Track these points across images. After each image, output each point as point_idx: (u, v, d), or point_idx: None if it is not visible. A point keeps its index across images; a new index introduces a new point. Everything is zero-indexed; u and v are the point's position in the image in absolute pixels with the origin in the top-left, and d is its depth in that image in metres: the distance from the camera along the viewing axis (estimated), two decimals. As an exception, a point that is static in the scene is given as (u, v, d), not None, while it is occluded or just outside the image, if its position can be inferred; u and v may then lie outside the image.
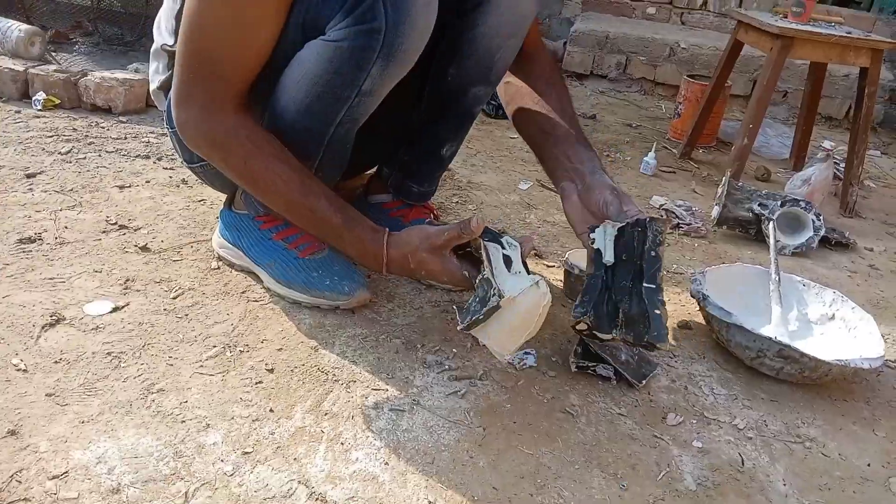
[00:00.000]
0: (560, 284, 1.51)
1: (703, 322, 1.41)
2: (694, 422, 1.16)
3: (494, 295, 1.04)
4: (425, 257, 1.14)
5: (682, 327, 1.43)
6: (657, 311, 1.12)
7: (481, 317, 1.05)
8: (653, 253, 1.15)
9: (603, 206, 1.21)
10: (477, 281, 1.10)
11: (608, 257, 1.16)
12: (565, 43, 3.49)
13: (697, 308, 1.40)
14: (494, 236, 1.14)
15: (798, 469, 1.09)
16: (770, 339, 1.23)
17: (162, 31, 1.31)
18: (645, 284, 1.14)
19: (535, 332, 1.09)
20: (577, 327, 1.17)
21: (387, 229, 1.19)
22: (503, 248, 1.12)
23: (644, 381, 1.21)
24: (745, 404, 1.22)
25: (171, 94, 1.13)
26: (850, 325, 1.39)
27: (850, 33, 2.10)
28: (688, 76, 2.74)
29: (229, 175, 1.19)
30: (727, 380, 1.28)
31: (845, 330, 1.38)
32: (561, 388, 1.19)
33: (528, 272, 1.11)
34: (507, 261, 1.10)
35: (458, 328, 1.08)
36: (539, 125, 1.36)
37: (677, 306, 1.51)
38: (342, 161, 1.27)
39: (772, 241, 1.58)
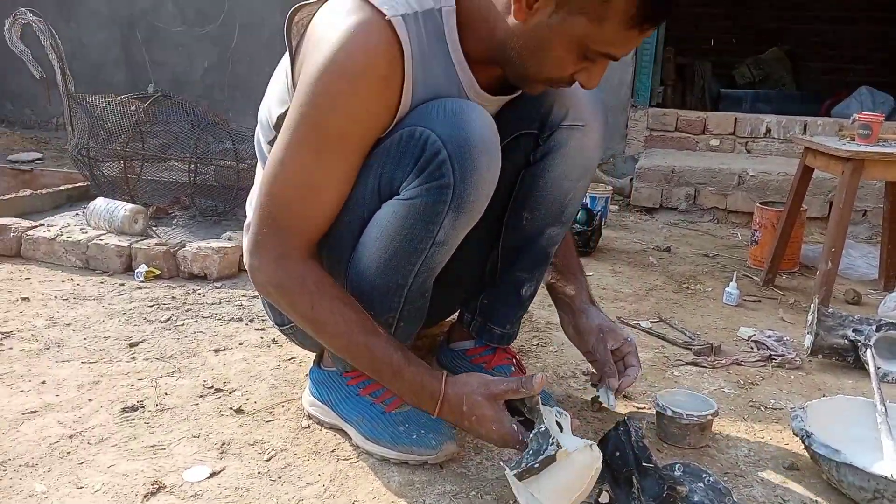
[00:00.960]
0: (654, 428, 1.46)
1: (810, 460, 1.33)
2: (815, 575, 1.07)
3: (552, 445, 1.08)
4: (480, 401, 1.16)
5: (788, 468, 1.35)
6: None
7: (536, 465, 1.07)
8: (640, 444, 1.21)
9: (591, 349, 1.46)
10: (532, 435, 1.12)
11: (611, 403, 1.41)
12: (632, 179, 3.57)
13: (802, 447, 1.33)
14: (547, 398, 1.17)
15: None
16: (886, 478, 1.15)
17: (253, 206, 1.43)
18: (644, 465, 1.18)
19: (584, 495, 1.11)
20: (600, 500, 1.18)
21: (446, 372, 1.23)
22: (556, 413, 1.17)
23: None
24: (870, 553, 1.13)
25: (245, 242, 1.24)
26: (974, 457, 1.28)
27: (922, 150, 2.08)
28: (760, 203, 2.74)
29: (295, 318, 1.25)
30: (846, 525, 1.19)
31: (970, 463, 1.28)
32: (664, 541, 1.13)
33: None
34: (559, 426, 1.15)
35: (509, 474, 1.10)
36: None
37: (780, 444, 1.44)
38: (422, 312, 1.32)
39: (872, 368, 1.51)
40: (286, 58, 1.25)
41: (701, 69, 6.05)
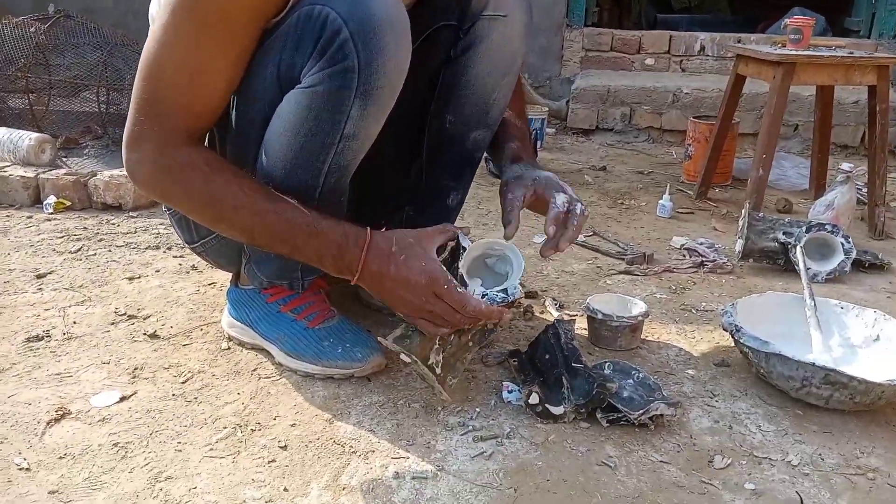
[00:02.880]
0: (585, 332, 1.44)
1: (741, 357, 1.33)
2: (743, 463, 1.07)
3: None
4: (411, 242, 1.10)
5: (718, 365, 1.35)
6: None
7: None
8: (570, 346, 1.22)
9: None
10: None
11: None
12: (568, 101, 3.51)
13: (733, 344, 1.33)
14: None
15: (863, 502, 0.99)
16: (814, 364, 1.15)
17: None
18: (573, 365, 1.18)
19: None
20: (530, 401, 1.14)
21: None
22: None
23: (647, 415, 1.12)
24: (797, 439, 1.13)
25: (124, 135, 1.09)
26: (897, 344, 1.30)
27: (852, 53, 2.07)
28: (693, 117, 2.72)
29: (191, 206, 1.13)
30: (774, 415, 1.19)
31: (893, 349, 1.29)
32: (596, 439, 1.11)
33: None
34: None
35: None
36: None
37: (711, 344, 1.43)
38: (339, 216, 1.24)
39: (802, 266, 1.51)
40: None
41: (637, -7, 5.97)
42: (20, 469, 1.01)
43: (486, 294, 1.14)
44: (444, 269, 1.10)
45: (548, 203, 1.23)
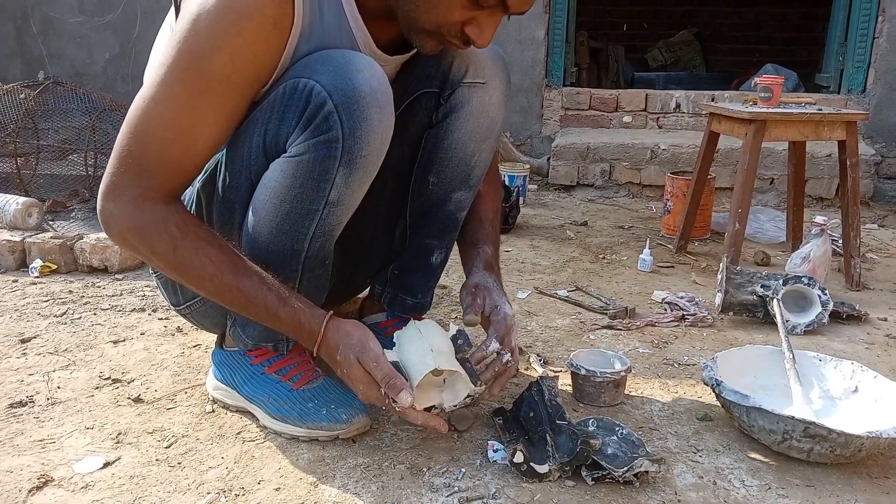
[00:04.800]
0: (570, 388, 1.45)
1: (723, 411, 1.34)
2: (728, 518, 1.07)
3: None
4: (352, 361, 1.12)
5: (701, 419, 1.36)
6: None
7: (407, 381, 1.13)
8: (554, 402, 1.23)
9: (467, 308, 1.29)
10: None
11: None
12: (549, 158, 3.58)
13: (715, 398, 1.34)
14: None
15: (848, 557, 1.00)
16: (794, 418, 1.16)
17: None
18: (558, 422, 1.19)
19: (438, 343, 1.17)
20: (514, 460, 1.15)
21: (331, 312, 1.16)
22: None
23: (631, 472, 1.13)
24: (780, 493, 1.14)
25: (101, 185, 1.09)
26: (875, 395, 1.32)
27: (821, 110, 2.14)
28: (671, 173, 2.79)
29: (159, 266, 1.14)
30: (757, 469, 1.20)
31: (871, 401, 1.31)
32: (582, 497, 1.11)
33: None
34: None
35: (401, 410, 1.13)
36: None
37: (693, 398, 1.45)
38: (323, 281, 1.26)
39: (779, 318, 1.54)
40: (171, 13, 1.17)
41: (614, 53, 6.14)
42: (1, 540, 1.00)
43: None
44: (377, 344, 1.15)
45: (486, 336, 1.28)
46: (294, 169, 1.10)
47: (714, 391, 1.29)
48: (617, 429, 1.22)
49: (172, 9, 1.15)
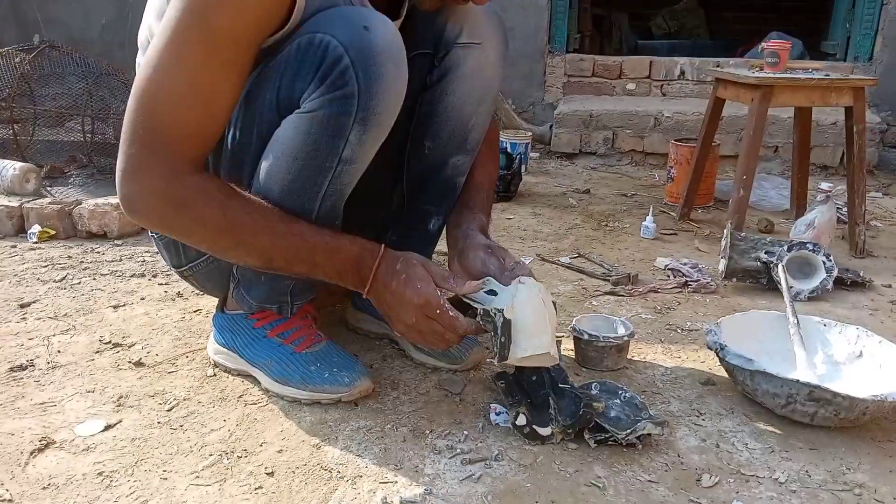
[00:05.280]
0: (573, 353, 1.45)
1: (726, 375, 1.33)
2: (731, 481, 1.07)
3: (497, 316, 1.08)
4: (416, 264, 1.12)
5: (704, 384, 1.35)
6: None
7: (503, 339, 1.09)
8: (557, 366, 1.21)
9: (482, 266, 1.22)
10: (479, 321, 1.12)
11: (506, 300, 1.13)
12: (551, 126, 3.55)
13: (718, 363, 1.33)
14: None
15: (852, 519, 1.00)
16: (798, 381, 1.16)
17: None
18: (560, 386, 1.18)
19: (554, 317, 1.13)
20: (517, 422, 1.15)
21: (384, 245, 1.15)
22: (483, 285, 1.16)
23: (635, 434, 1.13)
24: (784, 456, 1.14)
25: (119, 168, 1.05)
26: (879, 360, 1.31)
27: (828, 76, 2.11)
28: (675, 140, 2.76)
29: (206, 236, 1.10)
30: (760, 432, 1.20)
31: (875, 366, 1.31)
32: (584, 459, 1.11)
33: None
34: (491, 293, 1.15)
35: (497, 364, 1.12)
36: None
37: (696, 363, 1.44)
38: None
39: (784, 284, 1.53)
40: None
41: (618, 21, 6.06)
42: (3, 501, 1.00)
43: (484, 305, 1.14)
44: (438, 293, 1.11)
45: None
46: (308, 125, 1.07)
47: (718, 355, 1.28)
48: (620, 392, 1.21)
49: None
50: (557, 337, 1.52)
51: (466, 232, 1.30)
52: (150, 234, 1.36)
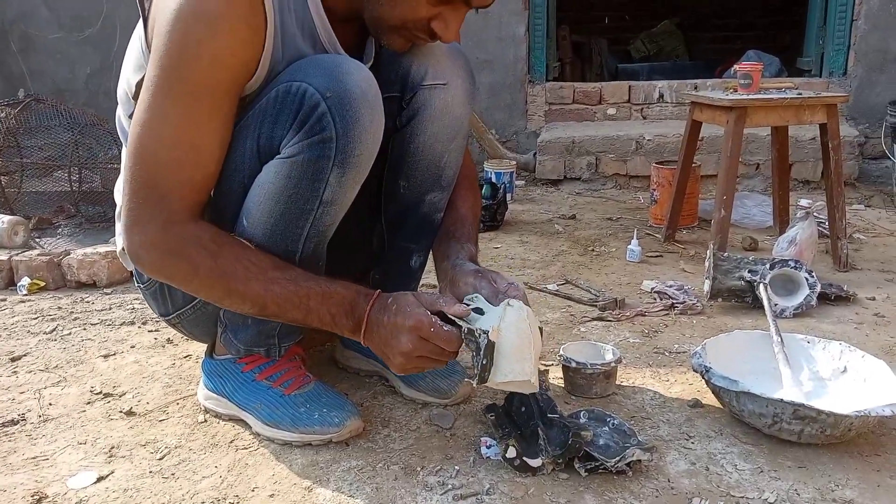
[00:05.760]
0: (562, 382, 1.45)
1: (714, 397, 1.34)
2: (721, 503, 1.08)
3: (482, 337, 1.07)
4: (408, 299, 1.12)
5: (692, 406, 1.36)
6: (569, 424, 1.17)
7: (485, 361, 1.08)
8: (545, 396, 1.22)
9: (473, 291, 1.19)
10: (463, 338, 1.10)
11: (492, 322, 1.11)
12: (535, 154, 3.59)
13: (705, 385, 1.35)
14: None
15: (841, 536, 1.00)
16: (783, 401, 1.17)
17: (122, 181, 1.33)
18: (549, 416, 1.19)
19: (539, 344, 1.13)
20: (507, 455, 1.16)
21: (379, 291, 1.16)
22: (469, 304, 1.15)
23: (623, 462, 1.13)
24: (773, 476, 1.14)
25: (122, 222, 1.10)
26: (863, 374, 1.33)
27: (801, 94, 2.15)
28: (656, 163, 2.79)
29: (200, 284, 1.13)
30: (749, 453, 1.21)
31: (860, 381, 1.32)
32: (575, 489, 1.12)
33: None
34: (479, 311, 1.13)
35: (475, 385, 1.10)
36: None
37: (684, 385, 1.45)
38: None
39: (767, 303, 1.55)
40: (139, 25, 1.17)
41: (597, 46, 6.15)
42: (-5, 559, 0.99)
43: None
44: (430, 315, 1.11)
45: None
46: (289, 169, 1.10)
47: (703, 378, 1.30)
48: (608, 419, 1.22)
49: (141, 21, 1.15)
50: (545, 366, 1.54)
51: (455, 262, 1.30)
52: (135, 283, 1.38)
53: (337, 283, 1.14)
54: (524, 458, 1.14)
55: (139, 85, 1.13)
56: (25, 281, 2.13)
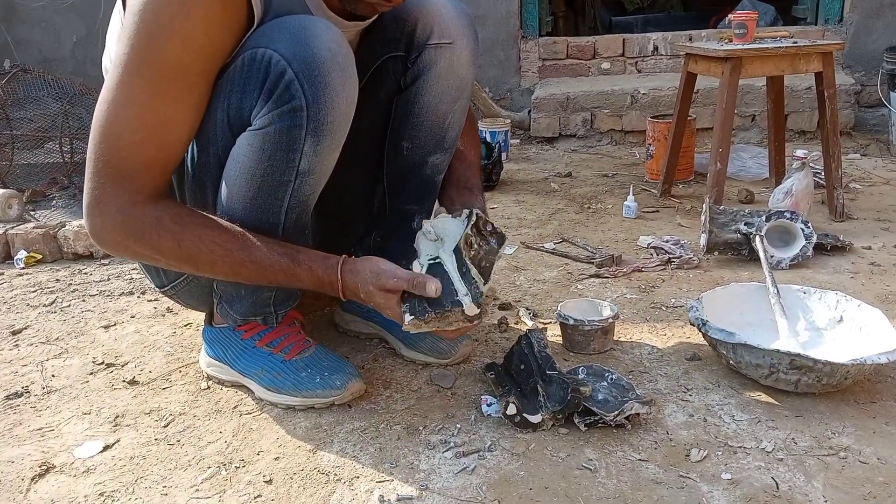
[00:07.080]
0: (560, 339, 1.47)
1: (711, 350, 1.36)
2: (719, 454, 1.10)
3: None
4: (373, 292, 1.12)
5: (690, 360, 1.38)
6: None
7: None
8: (544, 353, 1.23)
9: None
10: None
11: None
12: (529, 111, 3.56)
13: (702, 338, 1.36)
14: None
15: (837, 482, 1.02)
16: (779, 351, 1.18)
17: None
18: (548, 373, 1.19)
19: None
20: (507, 412, 1.17)
21: (343, 256, 1.16)
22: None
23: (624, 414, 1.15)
24: (770, 425, 1.16)
25: (84, 202, 1.09)
26: (859, 323, 1.34)
27: (796, 43, 2.13)
28: (651, 117, 2.77)
29: (167, 264, 1.14)
30: (746, 404, 1.23)
31: (856, 329, 1.33)
32: (575, 443, 1.14)
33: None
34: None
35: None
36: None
37: (682, 339, 1.46)
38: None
39: (763, 254, 1.55)
40: (118, 3, 1.15)
41: (590, -1, 6.06)
42: (7, 528, 1.01)
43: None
44: (389, 263, 1.14)
45: None
46: (261, 142, 1.09)
47: (700, 331, 1.31)
48: (607, 374, 1.24)
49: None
50: (543, 323, 1.55)
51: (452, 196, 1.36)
52: (133, 254, 1.37)
53: (300, 267, 1.13)
54: (524, 415, 1.16)
55: None
56: (22, 254, 2.12)
